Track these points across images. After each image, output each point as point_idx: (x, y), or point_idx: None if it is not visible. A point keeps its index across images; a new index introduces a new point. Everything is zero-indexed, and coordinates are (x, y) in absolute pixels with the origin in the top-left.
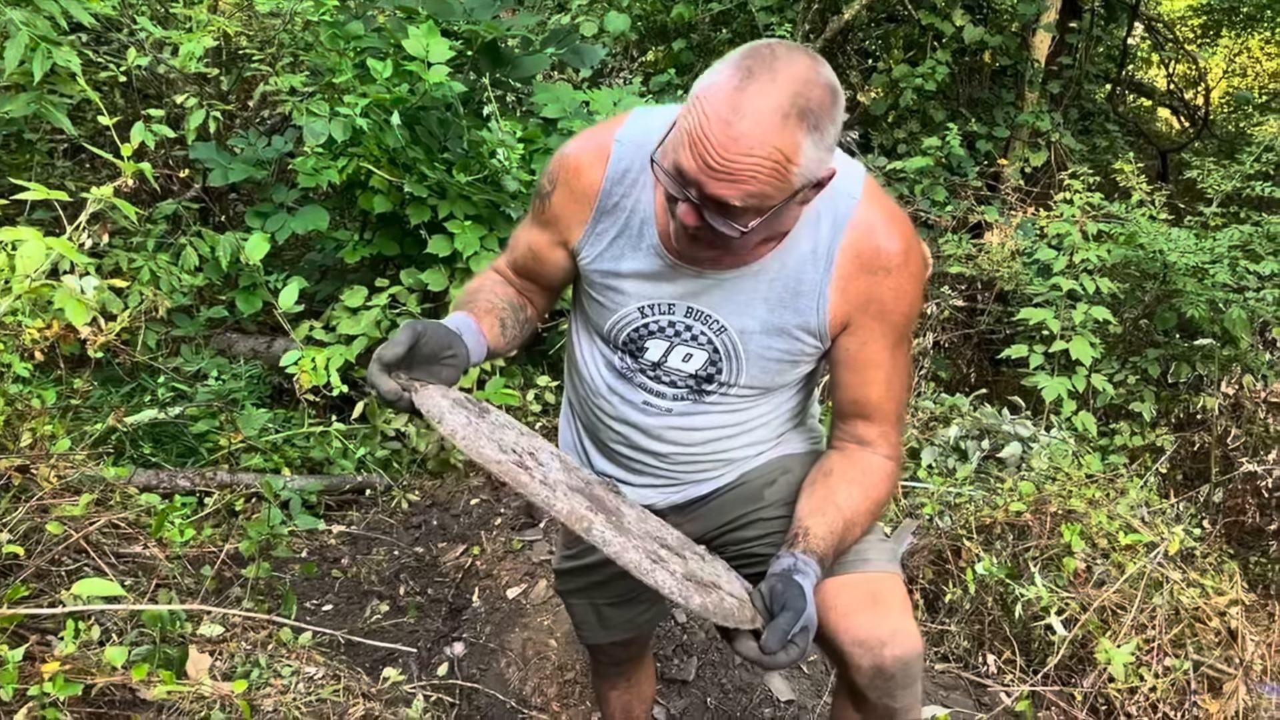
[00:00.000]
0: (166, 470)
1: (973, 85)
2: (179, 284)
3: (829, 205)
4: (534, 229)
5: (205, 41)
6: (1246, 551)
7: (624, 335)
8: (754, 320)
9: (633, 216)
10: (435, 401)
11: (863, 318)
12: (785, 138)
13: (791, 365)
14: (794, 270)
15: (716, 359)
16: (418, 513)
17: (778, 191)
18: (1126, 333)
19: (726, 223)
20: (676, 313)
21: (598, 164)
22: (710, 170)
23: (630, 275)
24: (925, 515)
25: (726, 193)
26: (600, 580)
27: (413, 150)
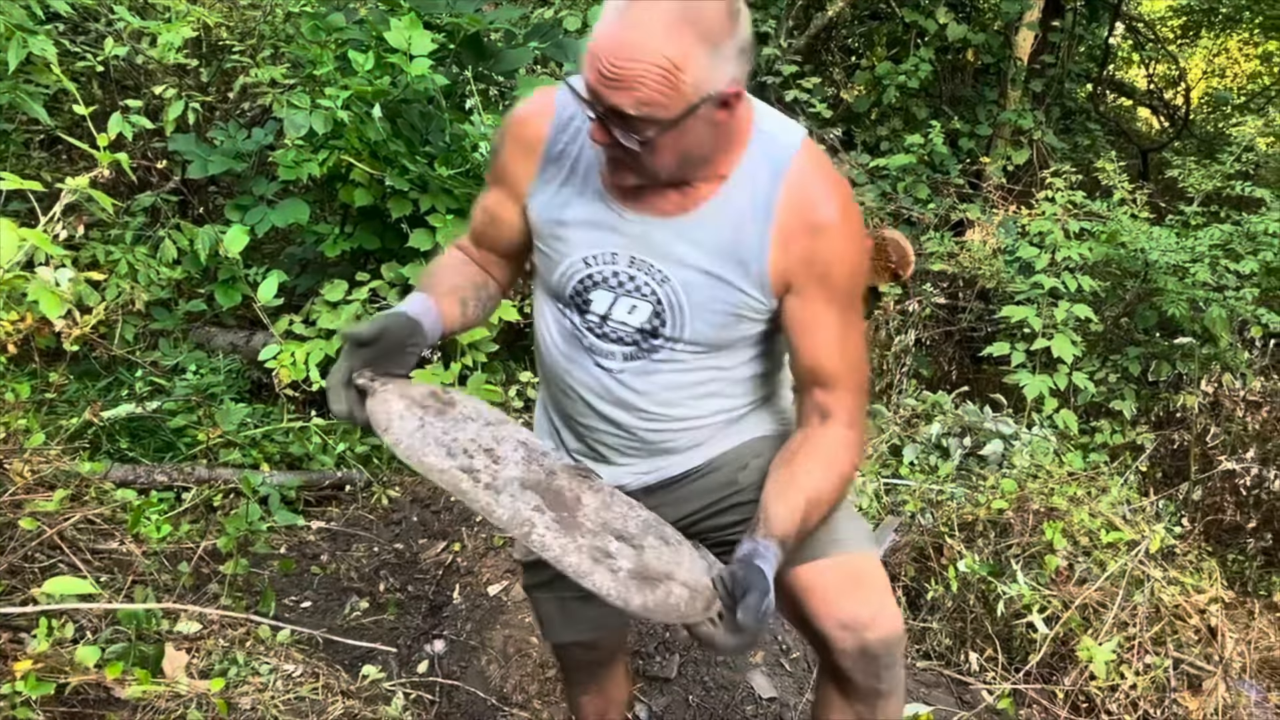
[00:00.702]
0: (144, 465)
1: (956, 83)
2: (157, 277)
3: (767, 154)
4: (489, 191)
5: (184, 32)
6: (1225, 549)
7: (570, 287)
8: (695, 271)
9: (578, 163)
10: (386, 409)
11: (806, 280)
12: (671, 45)
13: (736, 320)
14: (734, 218)
15: (660, 310)
16: (398, 509)
17: (669, 100)
18: (1107, 331)
19: (628, 135)
20: (620, 262)
21: (544, 115)
22: (603, 79)
23: (575, 223)
24: (907, 512)
25: (619, 100)
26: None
27: (394, 143)
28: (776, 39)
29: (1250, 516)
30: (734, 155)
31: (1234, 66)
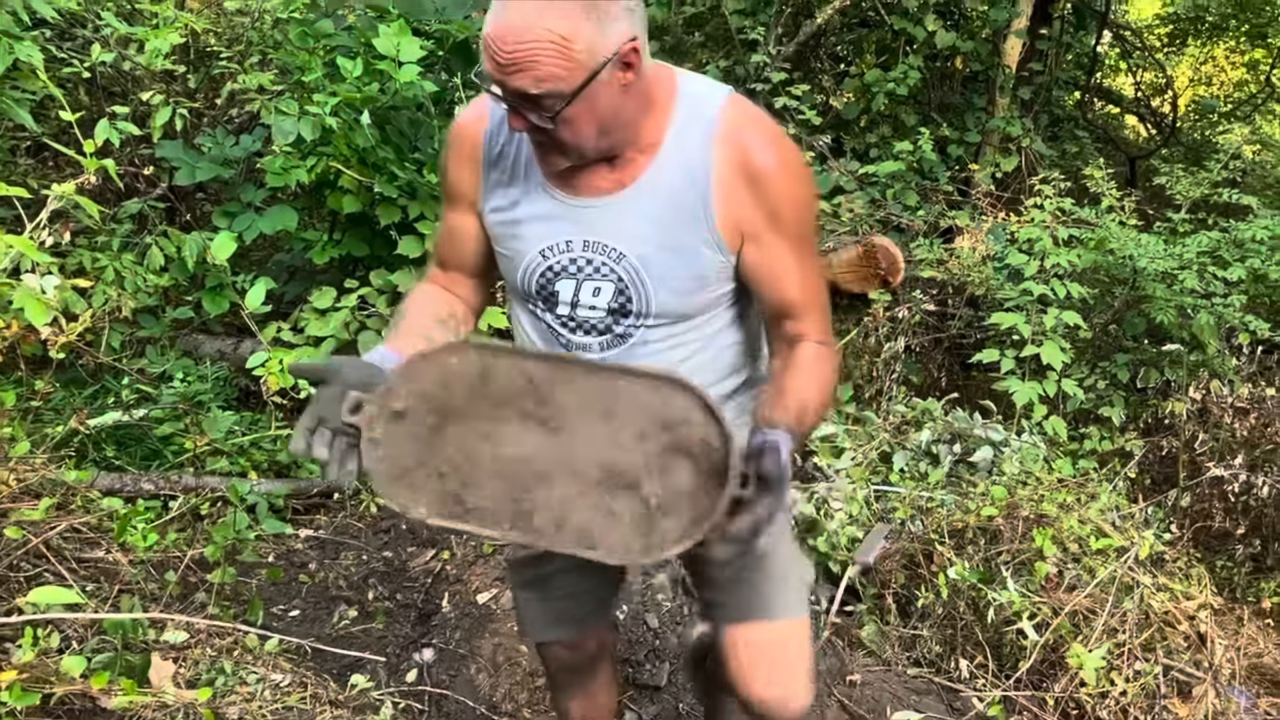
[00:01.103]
0: (130, 474)
1: (944, 90)
2: (144, 284)
3: (695, 115)
4: (445, 210)
5: (171, 38)
6: (1214, 555)
7: (534, 283)
8: (648, 242)
9: (516, 162)
10: (373, 464)
11: (758, 228)
12: (554, 19)
13: (700, 284)
14: (671, 185)
15: (624, 287)
16: (386, 517)
17: (567, 71)
18: (1096, 338)
19: (540, 115)
20: (574, 249)
21: (478, 121)
22: (500, 67)
23: (526, 220)
24: (897, 519)
25: (520, 82)
26: (550, 571)
27: (383, 150)
28: (765, 46)
29: (1238, 523)
30: (661, 121)
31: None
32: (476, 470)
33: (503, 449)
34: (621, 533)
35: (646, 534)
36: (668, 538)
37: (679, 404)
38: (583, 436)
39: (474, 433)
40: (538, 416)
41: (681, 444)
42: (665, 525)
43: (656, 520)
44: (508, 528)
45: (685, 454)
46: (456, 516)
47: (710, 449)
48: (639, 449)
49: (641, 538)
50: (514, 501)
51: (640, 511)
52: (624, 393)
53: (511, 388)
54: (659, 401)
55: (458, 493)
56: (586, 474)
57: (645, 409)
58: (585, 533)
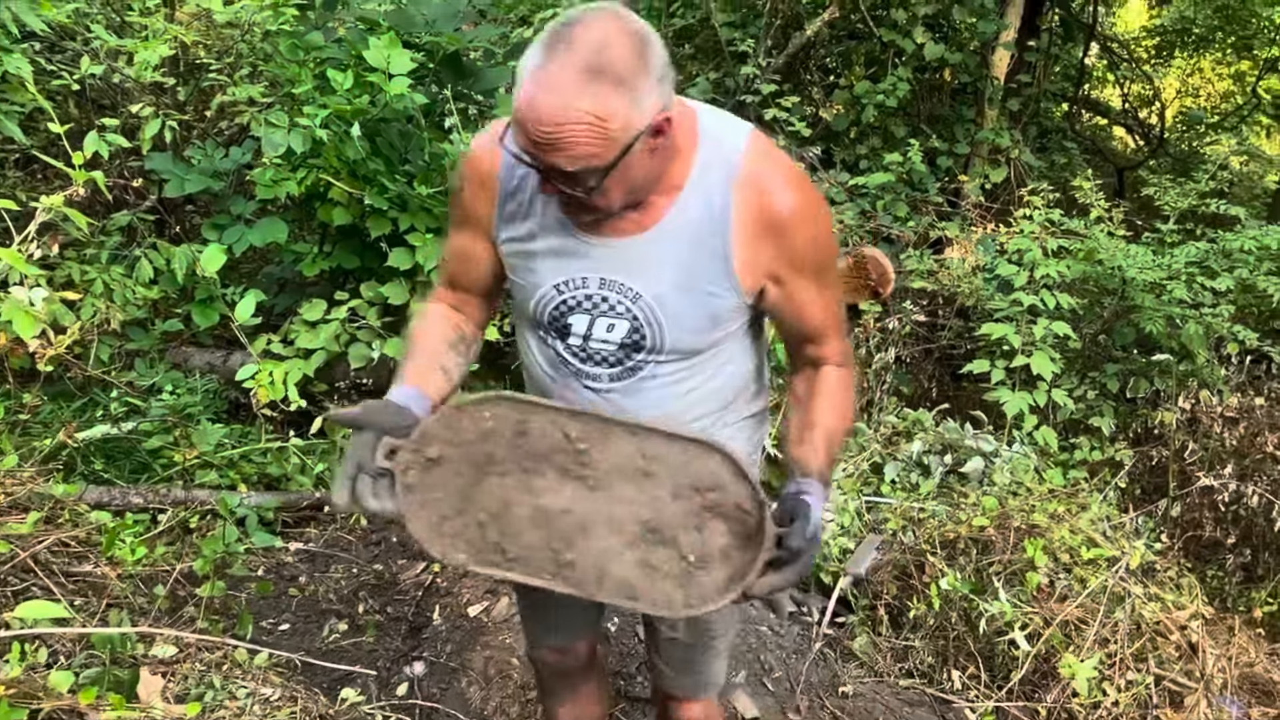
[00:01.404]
0: (119, 487)
1: (933, 102)
2: (133, 297)
3: (715, 159)
4: (456, 233)
5: (161, 50)
6: (1204, 565)
7: (547, 314)
8: (665, 283)
9: (535, 194)
10: (411, 511)
11: (781, 272)
12: (589, 101)
13: (713, 324)
14: (691, 228)
15: (638, 325)
16: (377, 529)
17: (604, 149)
18: (1086, 347)
19: (574, 187)
20: (590, 285)
21: (494, 151)
22: (536, 145)
23: (541, 254)
24: (889, 530)
25: (556, 159)
26: None
27: (373, 162)
28: (755, 58)
29: (1229, 532)
30: (684, 166)
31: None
32: (515, 520)
33: (541, 500)
34: (661, 586)
35: (685, 588)
36: (706, 593)
37: (712, 468)
38: (620, 494)
39: (512, 483)
40: (574, 473)
41: (717, 506)
42: (703, 581)
43: (694, 576)
44: (550, 578)
45: (720, 515)
46: (497, 565)
47: (744, 513)
48: (676, 508)
49: (681, 591)
50: (554, 552)
51: (679, 567)
52: (661, 455)
53: (549, 443)
54: (695, 465)
55: (497, 542)
56: (625, 529)
57: (681, 471)
58: (627, 585)
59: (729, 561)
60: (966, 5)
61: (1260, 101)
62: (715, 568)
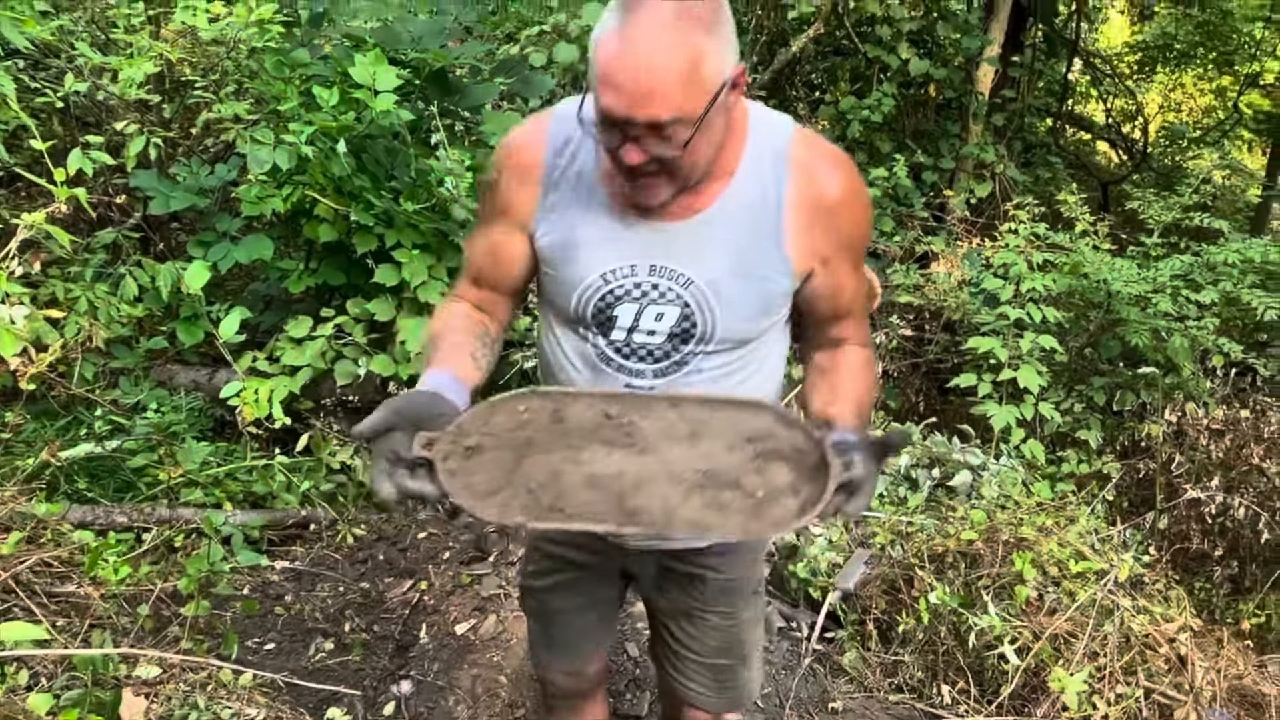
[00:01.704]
0: (102, 506)
1: (918, 117)
2: (117, 314)
3: (766, 147)
4: (487, 227)
5: (146, 68)
6: (1192, 577)
7: (591, 306)
8: (718, 268)
9: (580, 183)
10: (463, 498)
11: (830, 255)
12: (684, 46)
13: (764, 310)
14: (746, 212)
15: (689, 312)
16: (363, 547)
17: (698, 97)
18: (1072, 361)
19: (666, 145)
20: (640, 273)
21: (537, 142)
22: (631, 100)
23: (587, 242)
24: (877, 544)
25: (653, 112)
26: (555, 607)
27: (359, 179)
28: None
29: (1216, 544)
30: (736, 148)
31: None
32: (567, 486)
33: (591, 468)
34: (734, 518)
35: (759, 516)
36: (781, 519)
37: (759, 423)
38: (672, 454)
39: (557, 458)
40: (622, 443)
41: (772, 451)
42: (774, 511)
43: (765, 508)
44: (618, 524)
45: (778, 458)
46: (558, 519)
47: (801, 452)
48: (732, 458)
49: (754, 520)
50: (615, 506)
51: (748, 503)
52: (705, 419)
53: (589, 422)
54: (741, 424)
55: (553, 503)
56: (685, 479)
57: (729, 428)
58: (697, 522)
59: (798, 494)
60: (951, 21)
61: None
62: (785, 499)
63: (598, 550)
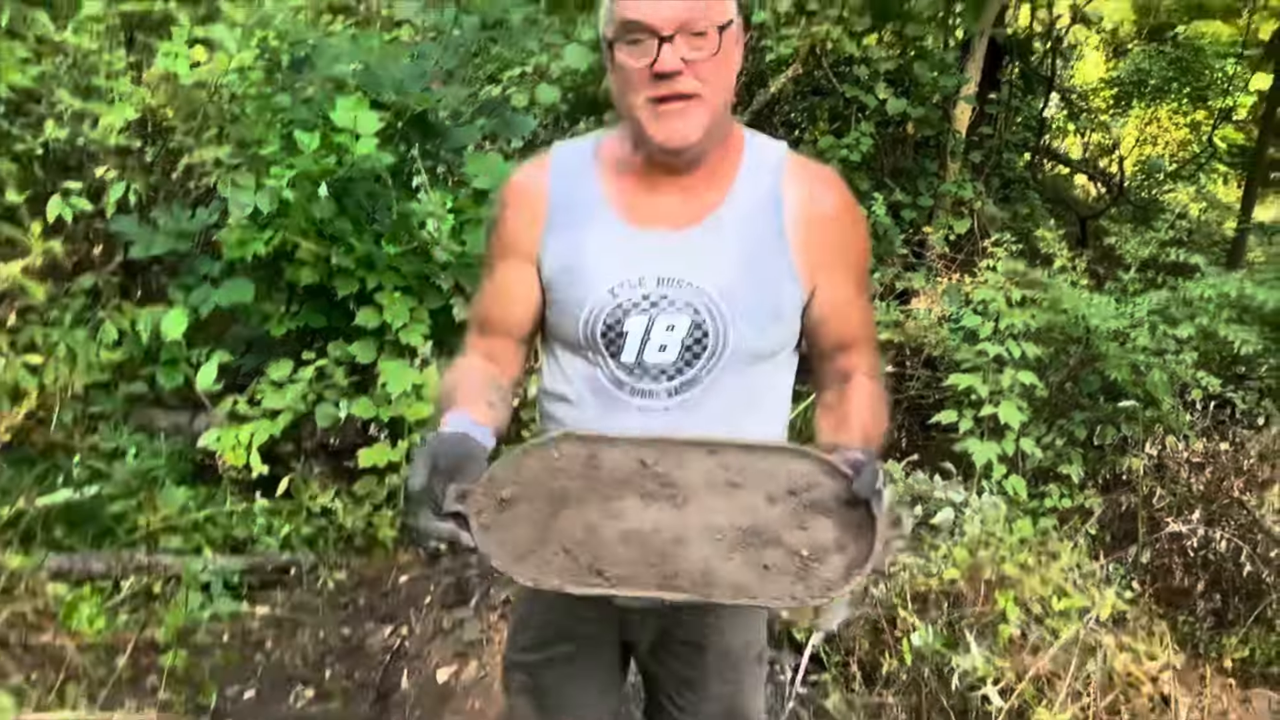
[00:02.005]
0: (80, 553)
1: (897, 155)
2: (96, 360)
3: (761, 160)
4: (492, 270)
5: (126, 114)
6: (1176, 611)
7: (600, 324)
8: (727, 273)
9: (584, 206)
10: (491, 547)
11: (831, 265)
12: None
13: (776, 318)
14: (749, 216)
15: (700, 320)
16: (344, 591)
17: (719, 2)
18: (1053, 395)
19: (699, 48)
20: (648, 284)
21: (540, 174)
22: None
23: (593, 255)
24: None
25: (683, 1)
26: (549, 681)
27: (340, 221)
28: None
29: (1198, 577)
30: (734, 157)
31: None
32: (604, 544)
33: (627, 523)
34: (779, 583)
35: (805, 580)
36: (829, 582)
37: (803, 469)
38: (711, 505)
39: (593, 511)
40: (659, 495)
41: (816, 503)
42: (821, 573)
43: (811, 568)
44: (656, 588)
45: (822, 511)
46: (598, 585)
47: (845, 504)
48: (773, 512)
49: (801, 584)
50: (653, 566)
51: (793, 564)
52: (744, 466)
53: (624, 471)
54: (783, 470)
55: (591, 563)
56: (725, 535)
57: (770, 478)
58: (740, 586)
59: (844, 552)
60: (928, 61)
61: (1216, 150)
62: (832, 558)
63: (597, 617)
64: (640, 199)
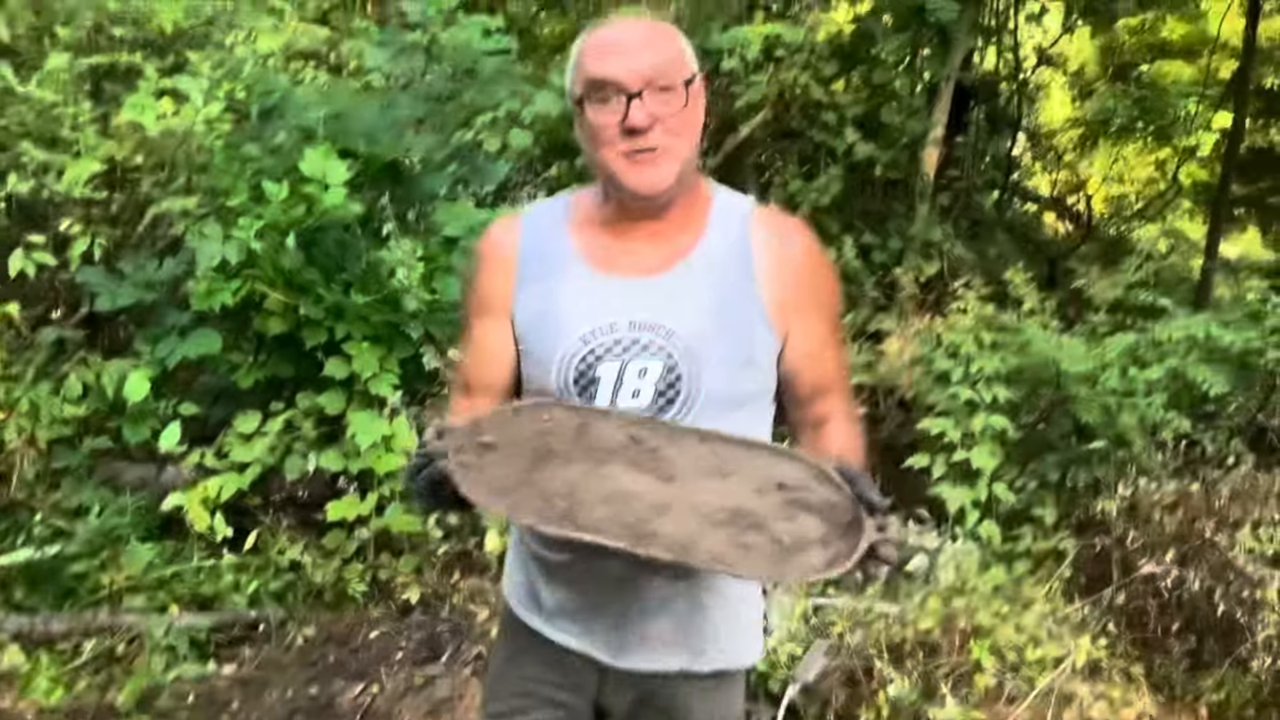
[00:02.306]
0: (40, 615)
1: (866, 198)
2: (60, 414)
3: (729, 209)
4: (472, 327)
5: (92, 166)
6: (1151, 653)
7: (572, 371)
8: (698, 317)
9: (555, 256)
10: (468, 483)
11: (803, 310)
12: (660, 23)
13: (749, 364)
14: (720, 262)
15: (673, 364)
16: (314, 647)
17: (682, 58)
18: (1025, 438)
19: (667, 102)
20: (620, 329)
21: (511, 229)
22: (627, 55)
23: (565, 302)
24: (836, 633)
25: (649, 59)
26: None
27: (309, 272)
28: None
29: (1173, 619)
30: (703, 207)
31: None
32: (584, 496)
33: (612, 485)
34: (758, 560)
35: (783, 564)
36: (805, 570)
37: (794, 472)
38: (700, 486)
39: (578, 469)
40: (647, 466)
41: (804, 501)
42: (800, 561)
43: (791, 555)
44: (631, 544)
45: (809, 509)
46: (569, 527)
47: (833, 506)
48: (762, 501)
49: (779, 566)
50: (629, 527)
51: (774, 548)
52: (736, 458)
53: (614, 441)
54: (774, 469)
55: (566, 511)
56: (709, 514)
57: (761, 473)
58: (718, 555)
59: (827, 548)
60: (895, 105)
61: (1181, 187)
62: (813, 552)
63: (573, 684)
64: (611, 248)
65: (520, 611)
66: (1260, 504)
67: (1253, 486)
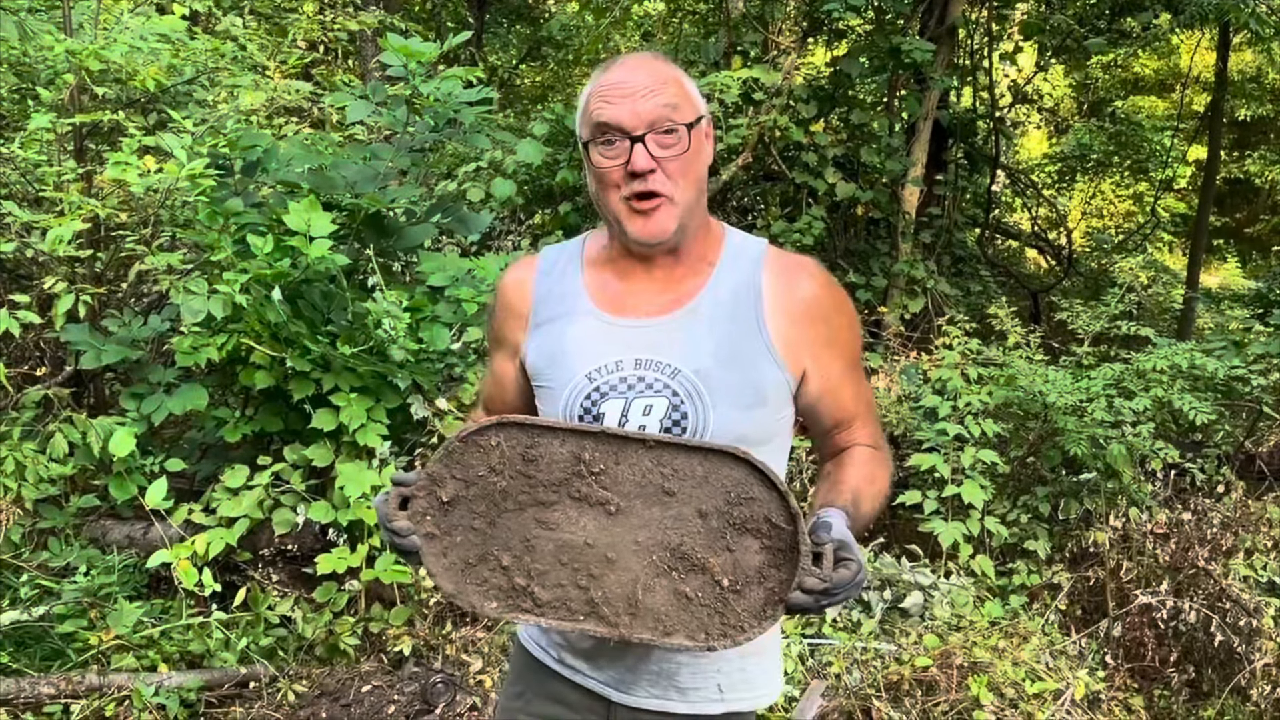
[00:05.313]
0: (28, 677)
1: (848, 237)
2: (46, 473)
3: (742, 250)
4: (492, 356)
5: (75, 225)
6: (1150, 684)
7: (577, 407)
8: (704, 356)
9: (565, 296)
10: (434, 562)
11: (818, 351)
12: (667, 66)
13: (759, 399)
14: (727, 304)
15: (678, 402)
16: (305, 704)
17: (687, 100)
18: (1015, 471)
19: (670, 145)
20: (625, 367)
21: (528, 271)
22: (632, 99)
23: (573, 342)
24: (833, 673)
25: (653, 102)
26: None
27: (295, 324)
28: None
29: (1170, 649)
30: (715, 247)
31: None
32: (539, 560)
33: (562, 534)
34: (697, 616)
35: (722, 614)
36: (745, 619)
37: (738, 477)
38: (644, 517)
39: (530, 518)
40: (592, 499)
41: (746, 522)
42: (739, 606)
43: (730, 601)
44: (583, 619)
45: (751, 532)
46: (529, 611)
47: (776, 527)
48: (703, 527)
49: (718, 618)
50: (582, 589)
51: (713, 592)
52: (681, 468)
53: (560, 469)
54: (718, 476)
55: (525, 585)
56: (653, 556)
57: (705, 484)
58: (661, 618)
59: (765, 582)
60: (875, 146)
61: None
62: (752, 589)
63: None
64: (620, 289)
65: (530, 647)
66: (1253, 531)
67: (1244, 514)
